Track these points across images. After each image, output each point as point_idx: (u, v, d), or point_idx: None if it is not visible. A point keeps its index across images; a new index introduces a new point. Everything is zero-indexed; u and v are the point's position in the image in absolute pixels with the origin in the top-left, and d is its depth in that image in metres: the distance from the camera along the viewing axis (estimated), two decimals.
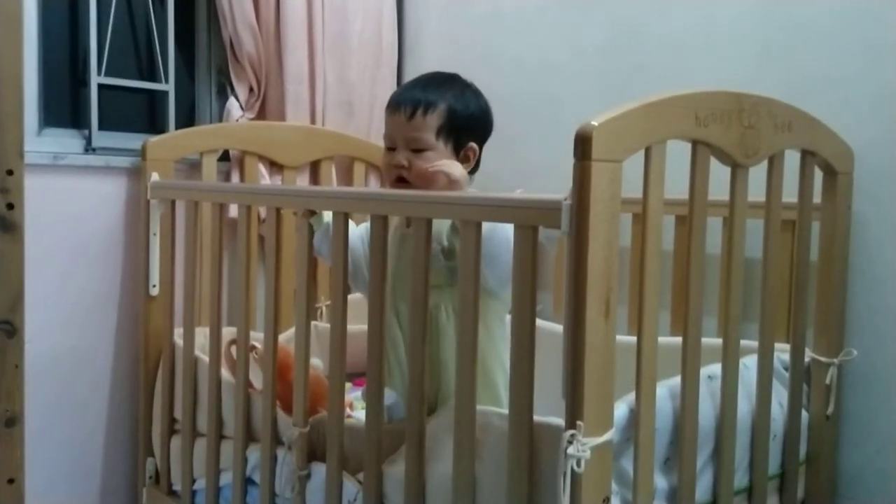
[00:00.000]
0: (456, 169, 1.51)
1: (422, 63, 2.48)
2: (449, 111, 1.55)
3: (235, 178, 2.25)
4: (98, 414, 2.13)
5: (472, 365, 1.28)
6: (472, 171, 1.63)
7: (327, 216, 1.60)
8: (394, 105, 1.58)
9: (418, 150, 1.55)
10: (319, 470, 1.58)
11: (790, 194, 1.52)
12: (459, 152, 1.58)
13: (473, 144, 1.60)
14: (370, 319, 1.45)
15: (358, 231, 1.71)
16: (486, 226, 1.31)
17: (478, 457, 1.29)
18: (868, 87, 1.67)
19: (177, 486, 1.98)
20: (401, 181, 1.57)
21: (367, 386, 1.47)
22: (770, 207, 1.46)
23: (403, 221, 1.59)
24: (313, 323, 2.04)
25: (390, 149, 1.59)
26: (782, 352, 1.56)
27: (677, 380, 1.33)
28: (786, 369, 1.58)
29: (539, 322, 1.27)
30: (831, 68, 1.72)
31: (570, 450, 1.10)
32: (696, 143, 1.28)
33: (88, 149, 2.13)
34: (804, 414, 1.61)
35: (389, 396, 1.53)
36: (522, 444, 1.21)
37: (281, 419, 1.66)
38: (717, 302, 1.70)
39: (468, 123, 1.58)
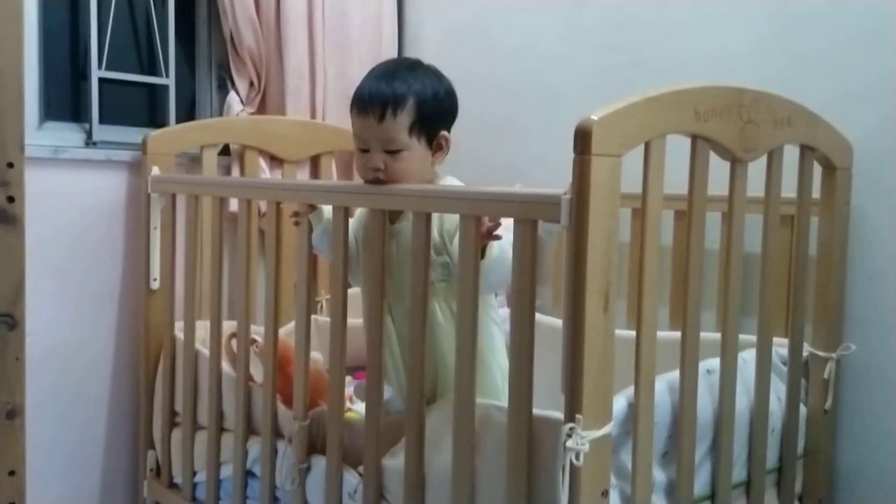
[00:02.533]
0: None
1: (421, 57, 2.47)
2: (418, 105, 1.51)
3: (236, 172, 2.25)
4: (99, 406, 2.14)
5: (471, 359, 1.29)
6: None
7: (327, 212, 1.60)
8: (361, 107, 1.52)
9: (393, 151, 1.51)
10: (319, 463, 1.58)
11: (789, 189, 1.52)
12: (432, 143, 1.56)
13: (444, 133, 1.57)
14: (368, 312, 1.46)
15: (350, 228, 1.69)
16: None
17: (477, 450, 1.30)
18: (868, 82, 1.67)
19: (177, 479, 1.99)
20: (377, 183, 1.53)
21: (366, 379, 1.47)
22: (769, 202, 1.46)
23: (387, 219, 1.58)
24: (313, 317, 2.05)
25: (363, 150, 1.54)
26: (781, 346, 1.57)
27: (676, 374, 1.33)
28: (784, 364, 1.59)
29: (538, 316, 1.28)
30: (831, 64, 1.72)
31: (570, 443, 1.10)
32: (695, 138, 1.28)
33: (89, 142, 2.14)
34: (802, 408, 1.62)
35: (385, 391, 1.53)
36: (522, 437, 1.21)
37: (281, 412, 1.67)
38: (716, 296, 1.71)
39: (437, 112, 1.55)
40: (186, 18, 2.35)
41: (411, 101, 1.51)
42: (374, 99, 1.51)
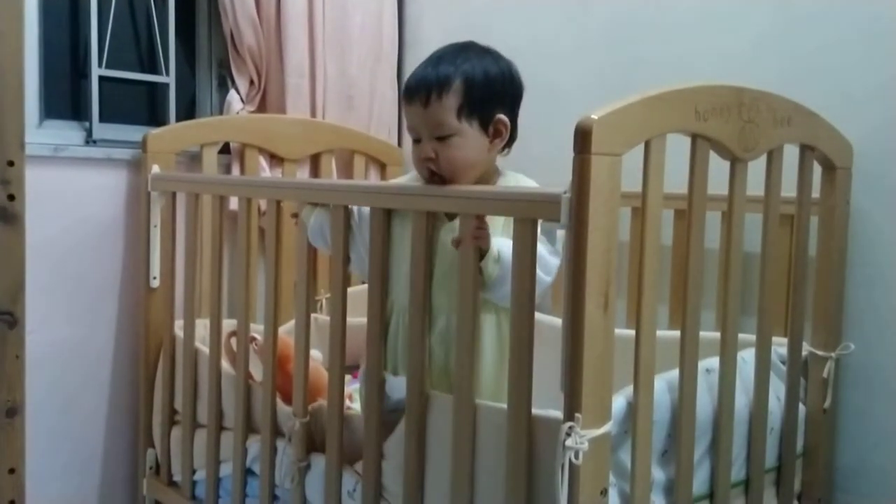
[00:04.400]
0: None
1: (422, 56, 2.46)
2: (465, 85, 1.40)
3: (236, 170, 2.25)
4: (99, 404, 2.14)
5: (471, 359, 1.29)
6: (510, 143, 1.49)
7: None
8: (408, 93, 1.45)
9: (443, 138, 1.41)
10: (319, 461, 1.58)
11: (789, 189, 1.52)
12: (487, 128, 1.44)
13: (502, 116, 1.44)
14: (370, 307, 1.46)
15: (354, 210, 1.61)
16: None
17: (476, 449, 1.30)
18: (868, 81, 1.67)
19: (177, 477, 1.99)
20: (433, 174, 1.44)
21: (366, 375, 1.47)
22: (769, 202, 1.46)
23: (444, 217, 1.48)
24: (313, 315, 2.05)
25: (416, 141, 1.45)
26: (780, 345, 1.57)
27: (675, 373, 1.33)
28: (783, 363, 1.58)
29: (538, 315, 1.28)
30: (831, 62, 1.72)
31: (569, 442, 1.10)
32: (695, 137, 1.28)
33: (89, 141, 2.14)
34: (801, 407, 1.62)
35: (399, 389, 1.51)
36: (521, 436, 1.21)
37: (281, 410, 1.67)
38: (716, 296, 1.71)
39: (489, 93, 1.43)
40: (187, 17, 2.35)
41: (458, 81, 1.41)
42: (419, 84, 1.43)
